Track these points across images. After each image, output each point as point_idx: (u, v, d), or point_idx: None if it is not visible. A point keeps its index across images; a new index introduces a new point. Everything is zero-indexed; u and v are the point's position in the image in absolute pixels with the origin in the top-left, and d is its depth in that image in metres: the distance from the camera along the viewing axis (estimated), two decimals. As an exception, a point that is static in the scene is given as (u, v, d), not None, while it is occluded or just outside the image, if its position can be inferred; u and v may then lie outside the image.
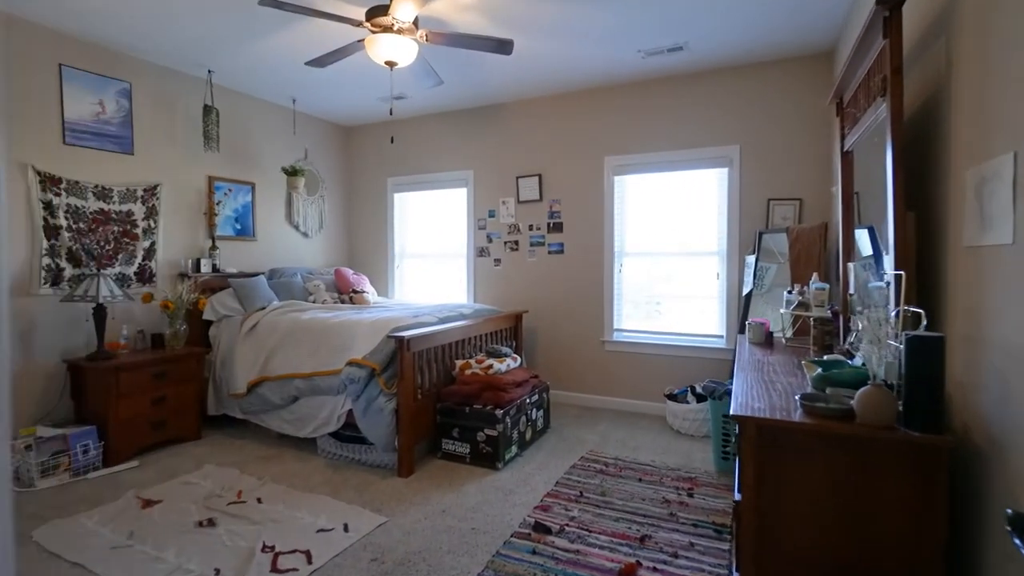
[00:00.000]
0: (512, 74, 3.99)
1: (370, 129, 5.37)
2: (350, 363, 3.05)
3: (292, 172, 4.46)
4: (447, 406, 3.23)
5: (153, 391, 3.33)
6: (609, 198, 4.29)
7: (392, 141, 3.28)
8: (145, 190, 3.70)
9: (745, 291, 3.65)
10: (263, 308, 3.84)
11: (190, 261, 3.97)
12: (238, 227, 4.38)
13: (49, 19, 3.10)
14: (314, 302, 4.27)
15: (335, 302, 4.34)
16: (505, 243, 4.72)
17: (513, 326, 4.28)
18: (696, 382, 3.99)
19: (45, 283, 3.19)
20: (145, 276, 3.72)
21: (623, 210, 4.30)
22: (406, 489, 2.84)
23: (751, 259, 3.64)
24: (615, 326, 4.33)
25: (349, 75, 3.96)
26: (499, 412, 3.08)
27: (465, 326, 3.55)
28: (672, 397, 3.82)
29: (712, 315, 4.06)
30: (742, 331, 3.63)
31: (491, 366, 3.30)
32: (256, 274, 4.26)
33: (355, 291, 4.42)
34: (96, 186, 3.43)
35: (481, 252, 4.85)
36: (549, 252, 4.54)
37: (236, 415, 3.66)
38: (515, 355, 3.63)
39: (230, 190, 4.27)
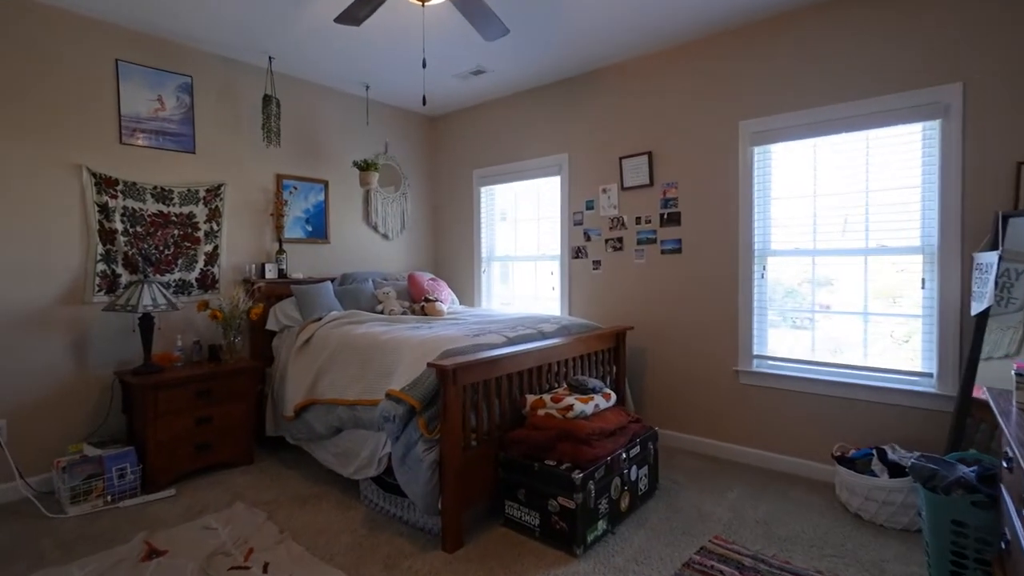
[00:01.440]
0: (605, 27, 3.08)
1: (456, 117, 4.79)
2: (388, 395, 2.39)
3: (364, 166, 4.01)
4: (511, 458, 2.42)
5: (197, 410, 3.00)
6: (747, 176, 3.16)
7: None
8: (208, 190, 3.44)
9: (976, 308, 2.33)
10: (319, 319, 3.38)
11: (254, 266, 3.67)
12: (309, 229, 4.02)
13: (105, 12, 2.91)
14: (381, 312, 3.74)
15: (403, 312, 3.78)
16: (606, 241, 3.79)
17: (612, 348, 3.34)
18: (886, 442, 2.71)
19: (100, 290, 3.02)
20: (207, 282, 3.46)
21: (766, 191, 3.14)
22: (447, 572, 2.09)
23: (986, 257, 2.31)
24: (755, 351, 3.17)
25: (414, 50, 3.36)
26: (578, 474, 2.20)
27: (543, 349, 2.72)
28: (846, 461, 2.60)
29: (913, 342, 2.74)
30: (971, 370, 2.33)
31: (571, 406, 2.42)
32: (324, 280, 3.85)
33: (427, 299, 3.82)
34: (155, 187, 3.22)
35: (577, 253, 3.97)
36: (662, 252, 3.52)
37: (289, 440, 3.23)
38: (608, 391, 2.70)
39: (295, 188, 3.92)
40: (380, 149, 4.50)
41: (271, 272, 3.67)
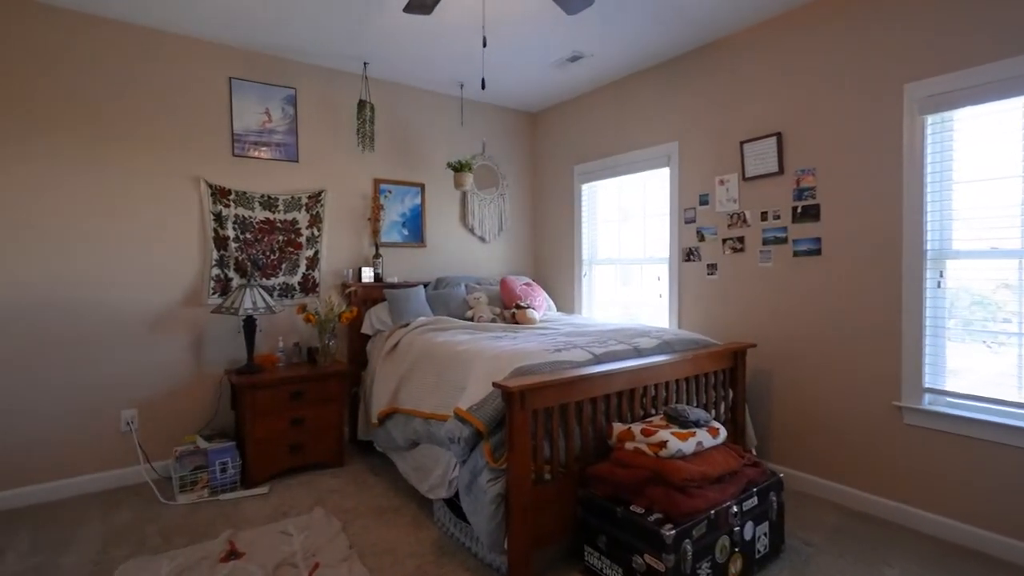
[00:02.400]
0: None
1: (555, 111, 4.50)
2: (455, 414, 2.18)
3: (458, 167, 3.90)
4: (591, 497, 2.07)
5: (291, 411, 3.08)
6: (914, 155, 2.43)
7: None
8: (309, 197, 3.57)
9: None
10: (406, 324, 3.31)
11: (351, 270, 3.73)
12: (405, 233, 4.02)
13: (220, 35, 3.12)
14: (470, 318, 3.59)
15: (493, 319, 3.58)
16: (724, 241, 3.24)
17: (728, 369, 2.81)
18: None
19: (214, 293, 3.24)
20: (308, 286, 3.59)
21: (943, 173, 2.39)
22: (509, 626, 1.82)
23: None
24: (927, 382, 2.44)
25: (508, 43, 3.14)
26: (670, 530, 1.78)
27: (635, 369, 2.32)
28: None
29: None
30: None
31: (663, 443, 2.00)
32: (417, 284, 3.81)
33: (519, 306, 3.58)
34: (262, 196, 3.39)
35: (689, 255, 3.45)
36: (795, 253, 2.88)
37: (376, 447, 3.20)
38: (715, 425, 2.22)
39: (390, 192, 3.93)
40: (477, 149, 4.38)
41: (367, 276, 3.70)
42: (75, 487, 2.86)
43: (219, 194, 3.25)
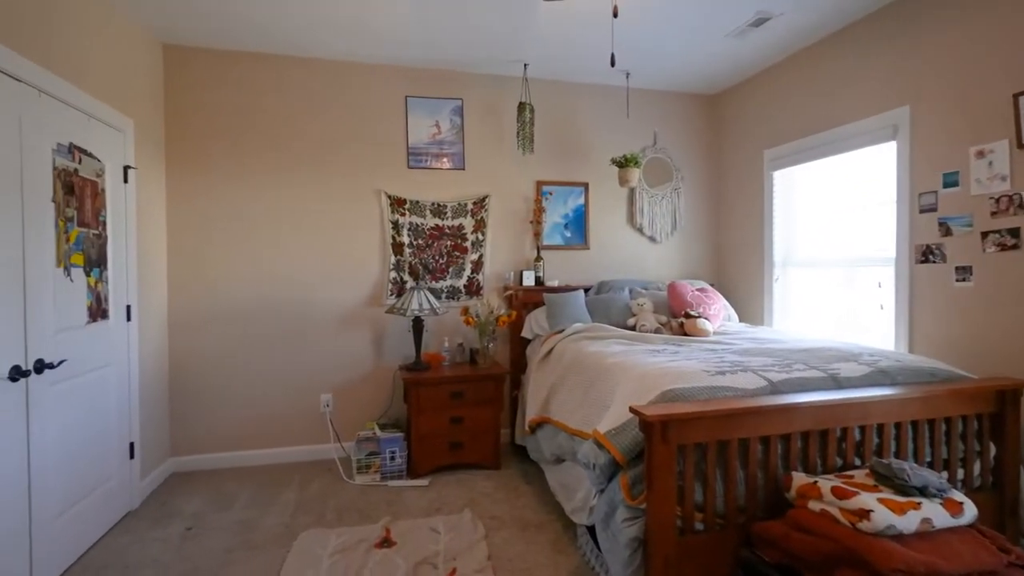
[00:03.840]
0: None
1: (739, 91, 3.87)
2: (594, 436, 1.96)
3: (623, 163, 3.61)
4: (755, 561, 1.65)
5: (451, 410, 3.20)
6: None
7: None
8: (474, 203, 3.69)
9: None
10: (561, 331, 3.18)
11: (513, 273, 3.74)
12: (567, 235, 3.89)
13: (396, 58, 3.41)
14: (632, 326, 3.29)
15: (656, 328, 3.21)
16: (984, 235, 2.36)
17: (989, 414, 2.01)
18: None
19: (391, 295, 3.56)
20: (473, 288, 3.71)
21: None
22: None
23: None
24: None
25: (672, 9, 2.77)
26: (869, 637, 1.30)
27: (830, 404, 1.79)
28: None
29: None
30: None
31: (867, 512, 1.48)
32: (578, 288, 3.65)
33: (688, 314, 3.15)
34: (433, 203, 3.61)
35: (926, 254, 2.61)
36: (1117, 251, 1.93)
37: (530, 454, 3.14)
38: (957, 497, 1.57)
39: (552, 193, 3.83)
40: (646, 141, 4.02)
41: (528, 279, 3.68)
42: (286, 455, 3.41)
43: (396, 204, 3.55)
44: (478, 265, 3.72)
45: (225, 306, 3.31)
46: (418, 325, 3.33)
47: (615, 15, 2.05)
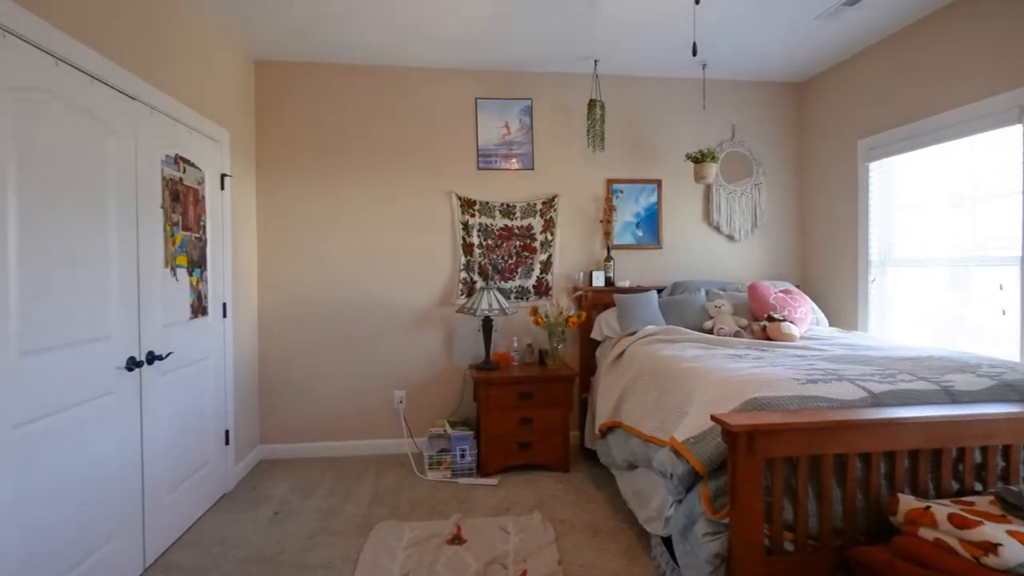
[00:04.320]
0: None
1: (830, 76, 3.59)
2: (671, 445, 1.88)
3: (699, 158, 3.45)
4: (856, 590, 1.51)
5: (520, 410, 3.20)
6: None
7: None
8: (543, 203, 3.67)
9: None
10: (633, 333, 3.09)
11: (582, 274, 3.69)
12: (639, 234, 3.77)
13: (466, 62, 3.46)
14: (709, 330, 3.14)
15: (736, 331, 3.04)
16: None
17: None
18: None
19: (461, 294, 3.62)
20: (542, 289, 3.70)
21: None
22: None
23: None
24: None
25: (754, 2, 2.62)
26: None
27: (945, 420, 1.61)
28: None
29: None
30: None
31: (994, 545, 1.30)
32: (650, 289, 3.53)
33: (771, 317, 2.96)
34: (502, 204, 3.63)
35: (1060, 253, 2.29)
36: None
37: (600, 459, 3.08)
38: (1108, 532, 1.35)
39: (623, 191, 3.73)
40: (725, 135, 3.82)
41: (598, 280, 3.61)
42: (362, 448, 3.56)
43: (466, 205, 3.60)
44: (547, 265, 3.69)
45: (308, 305, 3.51)
46: (488, 325, 3.36)
47: (697, 1, 1.94)
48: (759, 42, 3.20)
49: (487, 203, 3.62)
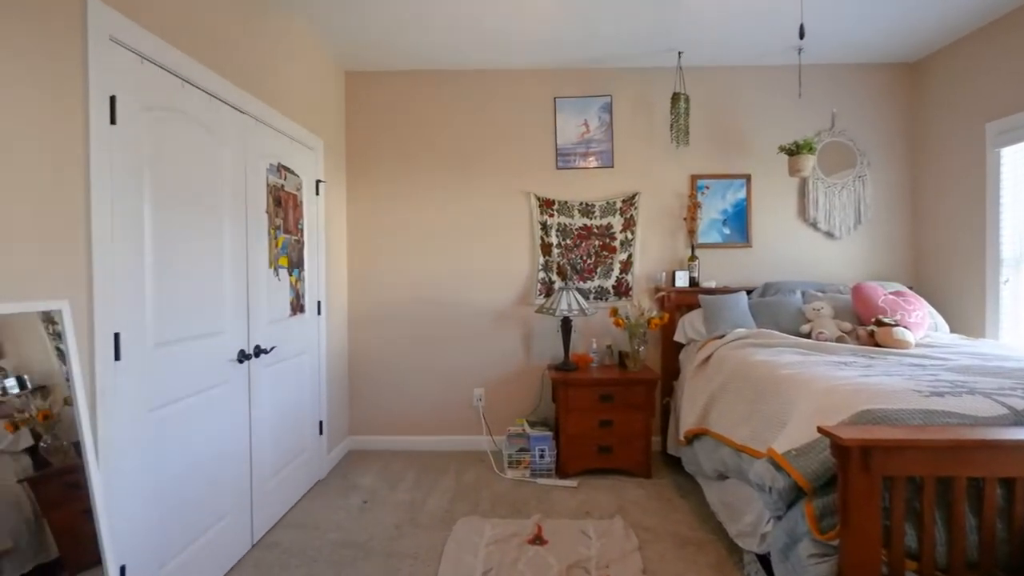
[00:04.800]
0: None
1: (951, 53, 3.21)
2: (769, 456, 1.76)
3: (794, 150, 3.22)
4: (997, 632, 1.33)
5: (599, 412, 3.15)
6: None
7: None
8: (623, 201, 3.58)
9: None
10: (721, 336, 2.93)
11: (665, 274, 3.56)
12: (726, 231, 3.58)
13: (545, 62, 3.46)
14: (807, 334, 2.91)
15: (838, 336, 2.80)
16: None
17: None
18: None
19: (540, 295, 3.62)
20: (622, 289, 3.61)
21: None
22: None
23: None
24: None
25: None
26: None
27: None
28: None
29: None
30: None
31: None
32: (738, 290, 3.34)
33: (880, 321, 2.69)
34: (581, 203, 3.59)
35: None
36: None
37: (685, 467, 2.96)
38: None
39: (708, 187, 3.55)
40: (823, 124, 3.54)
41: (681, 280, 3.47)
42: (443, 444, 3.65)
43: (544, 205, 3.59)
44: (627, 265, 3.60)
45: (392, 304, 3.65)
46: (567, 325, 3.33)
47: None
48: (865, 21, 2.92)
49: (565, 202, 3.59)
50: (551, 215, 3.60)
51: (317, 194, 3.12)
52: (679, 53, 3.32)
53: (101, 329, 1.56)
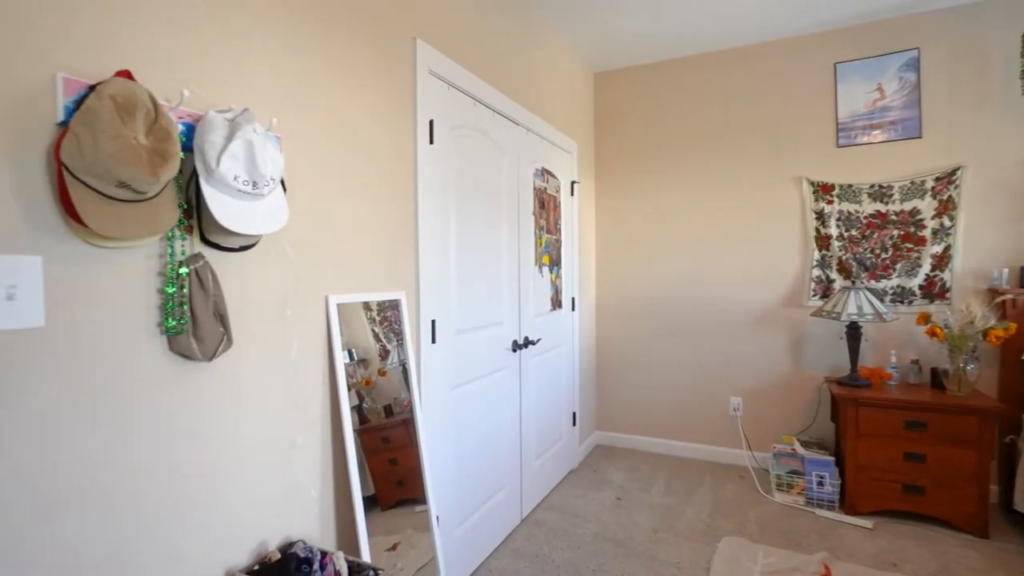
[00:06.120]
0: None
1: None
2: None
3: None
4: None
5: (905, 443, 2.54)
6: None
7: None
8: (937, 179, 2.84)
9: None
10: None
11: (1007, 271, 2.69)
12: (1121, 209, 2.53)
13: (821, 23, 2.97)
14: None
15: None
16: None
17: None
18: None
19: (814, 295, 3.12)
20: (934, 290, 2.86)
21: None
22: None
23: None
24: None
25: None
26: None
27: None
28: None
29: None
30: None
31: None
32: None
33: None
34: (872, 185, 2.97)
35: None
36: None
37: (1049, 528, 2.17)
38: None
39: (1089, 149, 2.54)
40: None
41: (1035, 278, 2.58)
42: (693, 451, 3.43)
43: (821, 191, 3.08)
44: (942, 260, 2.84)
45: (640, 301, 3.59)
46: (854, 332, 2.78)
47: None
48: None
49: (849, 186, 3.02)
50: (829, 202, 3.07)
51: (572, 195, 3.26)
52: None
53: (424, 317, 1.87)
